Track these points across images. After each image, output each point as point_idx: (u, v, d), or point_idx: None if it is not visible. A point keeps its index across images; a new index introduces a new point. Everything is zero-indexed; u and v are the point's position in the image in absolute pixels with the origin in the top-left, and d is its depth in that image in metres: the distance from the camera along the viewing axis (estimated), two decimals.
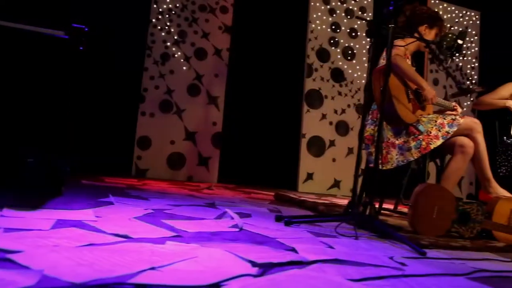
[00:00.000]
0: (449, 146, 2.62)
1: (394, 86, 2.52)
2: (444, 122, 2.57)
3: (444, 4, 6.35)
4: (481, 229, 2.24)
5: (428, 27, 2.82)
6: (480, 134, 2.59)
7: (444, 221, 2.21)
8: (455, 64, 6.33)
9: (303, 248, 1.47)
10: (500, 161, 3.30)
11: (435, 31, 2.84)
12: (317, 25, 5.58)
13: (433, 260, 1.59)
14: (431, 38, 2.83)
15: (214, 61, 5.18)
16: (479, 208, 2.22)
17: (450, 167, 2.61)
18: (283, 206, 3.03)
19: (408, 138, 2.59)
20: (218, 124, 5.15)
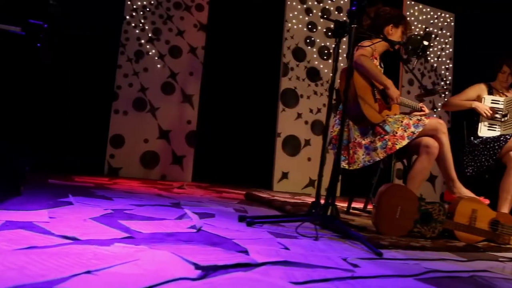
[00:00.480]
0: (414, 146, 2.64)
1: (360, 86, 2.53)
2: (410, 122, 2.59)
3: (419, 5, 6.41)
4: (442, 229, 2.27)
5: (393, 26, 2.84)
6: (444, 134, 2.62)
7: (406, 221, 2.22)
8: (429, 65, 6.40)
9: (256, 249, 1.46)
10: (467, 161, 3.34)
11: (401, 30, 2.85)
12: (293, 24, 5.58)
13: (388, 261, 1.59)
14: (398, 37, 2.84)
15: (189, 59, 5.14)
16: (441, 208, 2.24)
17: (415, 167, 2.63)
18: (251, 206, 3.01)
19: (374, 138, 2.60)
20: (192, 123, 5.11)
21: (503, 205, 3.03)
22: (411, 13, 6.34)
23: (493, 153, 3.13)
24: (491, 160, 3.15)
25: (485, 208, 2.35)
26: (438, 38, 6.53)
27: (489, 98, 3.38)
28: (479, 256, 1.94)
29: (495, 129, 3.29)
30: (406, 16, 2.89)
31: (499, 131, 3.27)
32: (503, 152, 3.08)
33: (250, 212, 2.63)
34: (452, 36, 6.65)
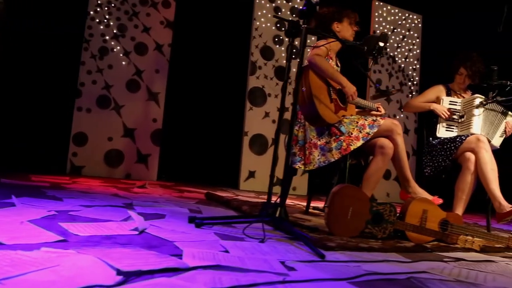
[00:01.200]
0: (370, 147, 2.65)
1: (315, 86, 2.52)
2: (365, 123, 2.60)
3: (387, 6, 6.47)
4: (393, 229, 2.28)
5: (338, 22, 2.84)
6: (399, 135, 2.63)
7: (358, 222, 2.23)
8: (397, 66, 6.48)
9: (193, 253, 1.43)
10: (425, 162, 3.38)
11: (347, 23, 2.85)
12: (262, 22, 5.56)
13: (329, 263, 1.58)
14: (348, 32, 2.84)
15: (155, 57, 5.07)
16: (392, 209, 2.25)
17: (370, 168, 2.64)
18: (209, 206, 2.98)
19: (330, 139, 2.60)
20: (158, 121, 5.04)
21: (458, 205, 3.08)
22: (380, 13, 6.40)
23: (449, 153, 3.18)
24: (448, 160, 3.19)
25: (435, 209, 2.37)
26: (405, 39, 6.61)
27: (447, 99, 3.43)
28: (425, 257, 1.95)
29: (452, 130, 3.34)
30: (346, 8, 2.88)
31: (456, 131, 3.32)
32: (459, 152, 3.13)
33: (205, 213, 2.60)
34: (420, 37, 6.74)
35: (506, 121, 3.33)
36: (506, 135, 3.34)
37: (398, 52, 6.51)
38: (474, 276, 1.62)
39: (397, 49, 6.51)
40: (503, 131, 3.32)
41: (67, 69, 4.74)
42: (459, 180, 3.10)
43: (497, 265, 1.94)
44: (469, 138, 3.10)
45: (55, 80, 4.67)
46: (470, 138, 3.09)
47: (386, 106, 6.29)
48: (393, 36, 6.49)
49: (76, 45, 4.78)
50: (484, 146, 3.01)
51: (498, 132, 3.29)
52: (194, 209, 2.67)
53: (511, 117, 3.37)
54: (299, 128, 2.71)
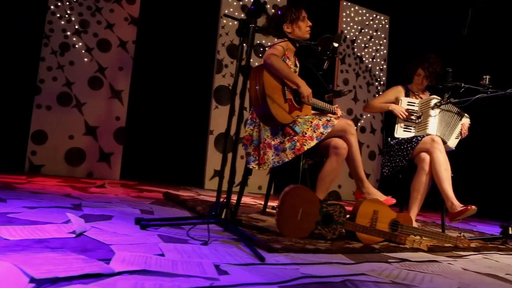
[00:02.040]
0: (324, 147, 2.65)
1: (269, 86, 2.50)
2: (319, 123, 2.60)
3: (355, 6, 6.52)
4: (343, 230, 2.29)
5: (286, 23, 2.81)
6: (353, 136, 2.64)
7: (308, 223, 2.22)
8: (365, 66, 6.53)
9: (124, 257, 1.39)
10: (383, 162, 3.41)
11: (293, 20, 2.81)
12: (229, 20, 5.52)
13: (267, 266, 1.57)
14: (300, 31, 2.81)
15: (119, 54, 4.97)
16: (341, 209, 2.26)
17: (324, 168, 2.64)
18: (164, 206, 2.94)
19: (284, 138, 2.59)
20: (121, 119, 4.95)
21: (413, 205, 3.11)
22: (347, 14, 6.43)
23: (406, 154, 3.21)
24: (404, 160, 3.23)
25: (386, 209, 2.39)
26: (373, 39, 6.67)
27: (405, 100, 3.47)
28: (370, 258, 1.96)
29: (410, 131, 3.38)
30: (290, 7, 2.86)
31: (414, 132, 3.36)
32: (415, 153, 3.17)
33: (157, 213, 2.56)
34: (387, 38, 6.82)
35: (462, 123, 3.38)
36: (462, 137, 3.39)
37: (365, 52, 6.57)
38: (412, 277, 1.63)
39: (364, 49, 6.56)
40: (459, 133, 3.37)
41: (26, 65, 4.61)
42: (414, 180, 3.13)
43: (439, 265, 1.96)
44: (425, 138, 3.14)
45: (13, 77, 4.54)
46: (425, 138, 3.13)
47: (353, 105, 6.35)
48: (361, 36, 6.54)
49: (36, 41, 4.65)
50: (438, 146, 3.05)
51: (454, 134, 3.34)
52: (146, 210, 2.63)
53: (466, 119, 3.42)
54: (253, 128, 2.69)
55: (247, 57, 2.09)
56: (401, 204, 3.33)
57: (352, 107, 6.34)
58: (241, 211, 3.09)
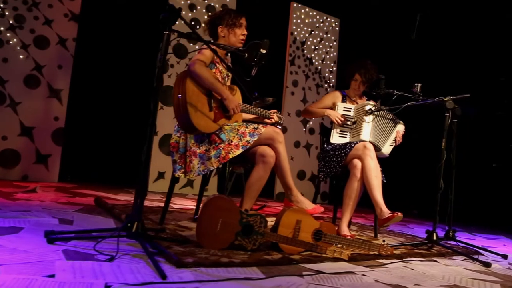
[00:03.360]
0: (252, 155, 2.62)
1: (192, 94, 2.45)
2: (246, 131, 2.56)
3: (306, 8, 6.54)
4: (264, 241, 2.26)
5: (221, 26, 2.78)
6: (281, 144, 2.62)
7: (228, 234, 2.19)
8: (314, 67, 6.57)
9: (4, 281, 1.31)
10: (320, 167, 3.43)
11: (228, 25, 2.77)
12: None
13: (165, 285, 1.52)
14: (234, 37, 2.77)
15: (58, 51, 4.78)
16: (262, 220, 2.23)
17: (252, 176, 2.61)
18: (90, 214, 2.83)
19: (209, 146, 2.54)
20: (60, 120, 4.77)
21: (346, 211, 3.14)
22: (298, 15, 6.45)
23: (340, 159, 3.23)
24: (338, 166, 3.25)
25: (309, 219, 2.38)
26: (323, 41, 6.71)
27: (341, 105, 3.49)
28: (285, 271, 1.94)
29: (345, 136, 3.40)
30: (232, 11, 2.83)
31: (349, 138, 3.38)
32: (348, 159, 3.19)
33: (77, 224, 2.46)
34: (337, 40, 6.88)
35: (397, 130, 3.42)
36: (396, 144, 3.44)
37: (315, 54, 6.60)
38: None
39: (314, 51, 6.60)
40: (394, 140, 3.41)
41: None
42: (347, 186, 3.16)
43: (352, 278, 1.96)
44: (357, 145, 3.16)
45: None
46: (358, 145, 3.16)
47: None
48: (311, 38, 6.57)
49: None
50: (370, 153, 3.08)
51: (388, 141, 3.38)
52: (66, 220, 2.52)
53: (401, 126, 3.47)
54: (180, 135, 2.63)
55: (160, 65, 2.03)
56: (335, 208, 3.35)
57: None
58: (172, 217, 3.03)
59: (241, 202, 2.66)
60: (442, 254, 2.87)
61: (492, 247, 3.68)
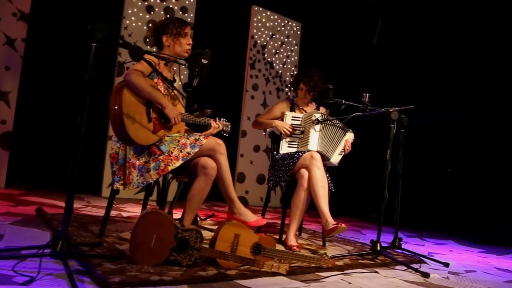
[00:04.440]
0: (193, 166, 2.58)
1: (130, 105, 2.38)
2: (187, 142, 2.52)
3: (267, 12, 6.52)
4: (199, 256, 2.22)
5: (166, 35, 2.73)
6: (222, 155, 2.59)
7: (162, 249, 2.14)
8: (275, 71, 6.56)
9: None
10: (269, 175, 3.41)
11: (173, 34, 2.72)
12: (132, 21, 5.31)
13: None
14: (180, 46, 2.71)
15: (6, 52, 4.61)
16: (198, 235, 2.20)
17: (193, 188, 2.57)
18: (27, 226, 2.73)
19: (149, 158, 2.48)
20: (8, 123, 4.60)
21: (292, 221, 3.13)
22: (259, 19, 6.43)
23: (288, 169, 3.22)
24: (286, 176, 3.24)
25: (248, 233, 2.36)
26: (284, 45, 6.72)
27: (290, 114, 3.48)
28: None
29: (294, 146, 3.40)
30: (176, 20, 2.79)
31: (297, 147, 3.38)
32: (296, 168, 3.18)
33: (7, 239, 2.35)
34: (298, 45, 6.90)
35: (346, 139, 3.43)
36: (345, 153, 3.45)
37: (276, 58, 6.60)
38: None
39: (275, 55, 6.59)
40: (343, 149, 3.42)
41: None
42: (294, 196, 3.15)
43: None
44: (305, 155, 3.16)
45: None
46: (305, 155, 3.15)
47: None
48: (272, 42, 6.56)
49: None
50: (317, 163, 3.08)
51: (337, 150, 3.38)
52: None
53: (350, 134, 3.48)
54: (120, 146, 2.56)
55: (88, 77, 1.97)
56: (283, 217, 3.34)
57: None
58: (115, 228, 2.96)
59: (183, 215, 2.61)
60: (385, 264, 2.89)
61: (438, 253, 3.75)
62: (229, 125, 3.04)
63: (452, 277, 2.80)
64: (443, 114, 6.29)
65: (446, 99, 6.25)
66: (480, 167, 5.80)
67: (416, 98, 6.14)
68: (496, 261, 3.65)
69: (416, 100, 6.01)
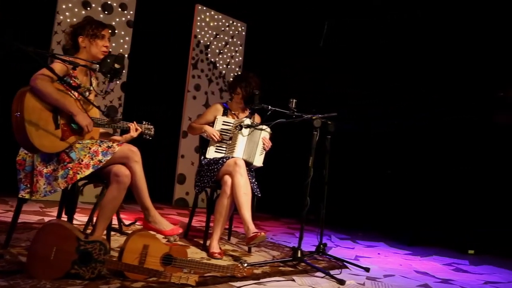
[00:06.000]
0: (107, 174, 2.49)
1: (33, 111, 2.25)
2: (98, 149, 2.43)
3: (211, 11, 6.46)
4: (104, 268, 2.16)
5: (82, 36, 2.63)
6: (137, 163, 2.51)
7: (63, 263, 2.06)
8: (218, 72, 6.52)
9: None
10: (196, 181, 3.37)
11: (89, 35, 2.62)
12: (67, 17, 5.12)
13: None
14: (96, 48, 2.61)
15: None
16: (102, 247, 2.13)
17: (106, 196, 2.48)
18: None
19: (58, 166, 2.38)
20: None
21: (216, 227, 3.11)
22: (202, 18, 6.35)
23: (213, 174, 3.20)
24: (211, 181, 3.21)
25: (157, 243, 2.31)
26: (228, 45, 6.67)
27: (221, 119, 3.45)
28: None
29: (222, 152, 3.37)
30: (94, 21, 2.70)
31: (225, 153, 3.35)
32: (220, 175, 3.16)
33: None
34: (243, 45, 6.87)
35: (263, 137, 3.39)
36: (267, 150, 3.42)
37: (219, 58, 6.55)
38: None
39: (219, 55, 6.55)
40: (262, 148, 3.40)
41: None
42: (217, 202, 3.13)
43: None
44: (228, 161, 3.14)
45: None
46: (229, 161, 3.14)
47: None
48: (216, 42, 6.51)
49: None
50: (240, 170, 3.06)
51: (258, 151, 3.36)
52: None
53: (265, 132, 3.42)
54: (28, 152, 2.44)
55: None
56: (208, 222, 3.30)
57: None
58: (28, 236, 2.83)
59: (95, 224, 2.52)
60: (306, 272, 2.91)
61: (366, 257, 3.83)
62: (152, 128, 2.93)
63: (369, 283, 2.85)
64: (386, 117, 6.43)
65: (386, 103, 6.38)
66: (419, 169, 5.97)
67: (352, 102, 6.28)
68: (418, 263, 3.77)
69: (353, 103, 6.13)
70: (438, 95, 5.84)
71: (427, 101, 5.96)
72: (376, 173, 6.24)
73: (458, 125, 5.57)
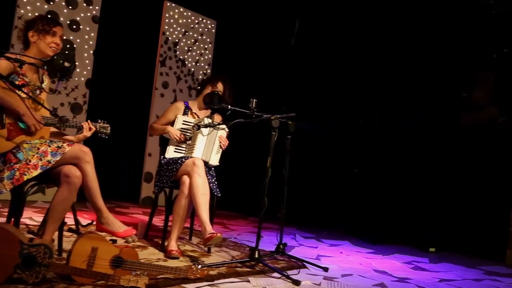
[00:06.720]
0: (57, 175, 2.44)
1: None
2: (47, 150, 2.37)
3: (180, 8, 6.38)
4: (48, 272, 2.11)
5: (32, 30, 2.55)
6: (88, 163, 2.46)
7: (5, 267, 2.00)
8: (187, 69, 6.46)
9: None
10: (155, 180, 3.34)
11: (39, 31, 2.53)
12: (28, 11, 4.98)
13: None
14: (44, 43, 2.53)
15: None
16: (46, 251, 2.08)
17: (55, 198, 2.43)
18: None
19: (4, 166, 2.32)
20: None
21: (174, 227, 3.09)
22: (171, 15, 6.28)
23: (171, 174, 3.17)
24: (169, 182, 3.18)
25: (107, 245, 2.27)
26: (197, 43, 6.62)
27: (181, 118, 3.41)
28: None
29: (181, 152, 3.33)
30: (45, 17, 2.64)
31: (184, 152, 3.32)
32: (179, 174, 3.13)
33: None
34: (213, 43, 6.83)
35: (219, 136, 3.37)
36: (223, 149, 3.41)
37: (188, 55, 6.49)
38: None
39: (187, 53, 6.48)
40: (219, 147, 3.37)
41: None
42: (175, 203, 3.11)
43: None
44: (187, 161, 3.11)
45: None
46: (188, 161, 3.11)
47: None
48: (184, 39, 6.44)
49: None
50: (198, 170, 3.04)
51: (214, 150, 3.33)
52: None
53: (222, 130, 3.40)
54: None
55: None
56: (166, 223, 3.26)
57: None
58: None
59: (45, 226, 2.46)
60: (262, 272, 2.91)
61: (328, 256, 3.85)
62: (108, 127, 2.85)
63: (325, 283, 2.87)
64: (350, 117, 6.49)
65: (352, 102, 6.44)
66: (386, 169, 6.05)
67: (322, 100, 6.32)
68: (379, 262, 3.82)
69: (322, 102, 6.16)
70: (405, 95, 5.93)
71: (398, 100, 6.04)
72: (344, 172, 6.30)
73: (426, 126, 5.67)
